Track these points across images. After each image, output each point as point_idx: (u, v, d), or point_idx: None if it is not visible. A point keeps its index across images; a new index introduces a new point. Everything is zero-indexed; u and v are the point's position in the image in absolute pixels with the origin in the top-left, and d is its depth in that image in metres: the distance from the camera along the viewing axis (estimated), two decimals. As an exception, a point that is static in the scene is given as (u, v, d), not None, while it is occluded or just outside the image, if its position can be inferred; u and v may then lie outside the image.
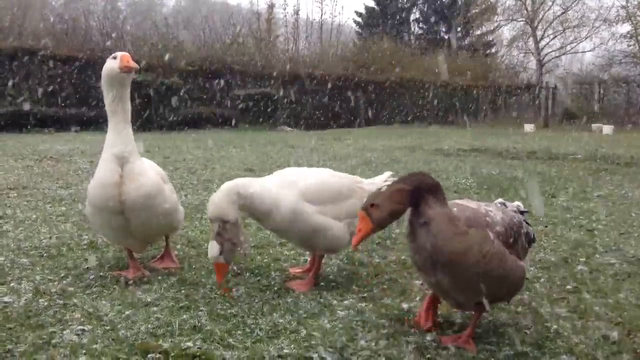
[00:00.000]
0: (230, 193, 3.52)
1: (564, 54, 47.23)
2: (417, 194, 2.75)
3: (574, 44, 46.27)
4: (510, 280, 2.86)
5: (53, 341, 2.86)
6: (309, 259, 4.21)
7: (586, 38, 45.15)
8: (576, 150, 14.13)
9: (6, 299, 3.41)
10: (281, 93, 25.25)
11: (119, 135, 3.78)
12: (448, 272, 2.76)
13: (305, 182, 3.68)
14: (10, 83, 19.21)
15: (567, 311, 3.45)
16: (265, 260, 4.40)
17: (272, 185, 3.65)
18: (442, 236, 2.71)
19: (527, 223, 3.16)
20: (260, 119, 24.16)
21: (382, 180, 4.07)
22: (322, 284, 3.87)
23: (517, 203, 3.34)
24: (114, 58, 3.76)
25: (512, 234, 2.90)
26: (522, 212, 3.25)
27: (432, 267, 2.79)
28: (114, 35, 24.70)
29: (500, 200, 3.27)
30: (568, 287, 3.90)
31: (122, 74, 3.72)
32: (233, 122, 23.14)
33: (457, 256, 2.71)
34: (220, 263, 3.52)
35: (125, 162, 3.74)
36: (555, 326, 3.20)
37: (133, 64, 3.72)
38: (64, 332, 2.97)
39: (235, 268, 4.14)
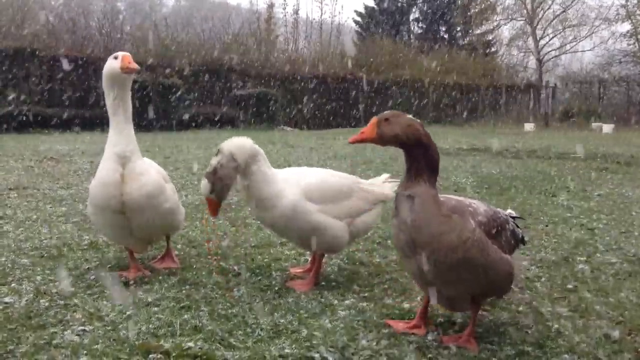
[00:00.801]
0: (253, 148, 3.56)
1: (563, 53, 47.29)
2: (423, 146, 2.79)
3: (574, 43, 46.37)
4: (494, 272, 2.83)
5: (54, 341, 2.86)
6: (309, 259, 4.21)
7: (586, 37, 45.21)
8: (576, 149, 14.13)
9: (7, 299, 3.41)
10: (281, 93, 25.26)
11: (120, 134, 3.79)
12: (427, 255, 2.76)
13: (307, 181, 3.69)
14: (9, 84, 19.21)
15: (568, 310, 3.45)
16: (265, 260, 4.40)
17: (281, 177, 3.67)
18: (424, 214, 2.73)
19: (516, 225, 3.16)
20: (260, 119, 24.16)
21: (381, 181, 4.08)
22: (322, 283, 3.87)
23: (509, 211, 3.35)
24: (115, 58, 3.76)
25: (495, 225, 2.90)
26: (513, 218, 3.25)
27: (411, 248, 2.80)
28: (113, 35, 24.72)
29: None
30: (569, 286, 3.90)
31: (123, 75, 3.73)
32: (233, 121, 23.14)
33: (434, 237, 2.72)
34: (213, 202, 3.53)
35: (126, 161, 3.75)
36: (556, 325, 3.20)
37: (134, 65, 3.72)
38: (65, 332, 2.97)
39: (235, 268, 4.14)
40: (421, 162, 2.80)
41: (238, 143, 3.55)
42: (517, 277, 3.19)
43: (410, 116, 2.88)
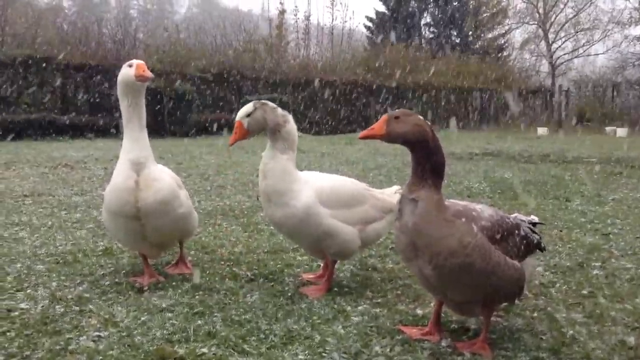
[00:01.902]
0: (285, 114, 3.70)
1: (576, 56, 47.03)
2: (429, 148, 2.82)
3: (587, 47, 46.08)
4: (497, 277, 2.81)
5: (70, 347, 2.89)
6: (322, 265, 4.22)
7: (599, 40, 44.94)
8: (590, 153, 14.03)
9: (23, 305, 3.45)
10: (292, 98, 25.29)
11: (134, 141, 3.83)
12: (427, 259, 2.76)
13: (321, 185, 3.71)
14: (24, 91, 19.42)
15: (583, 316, 3.42)
16: (278, 266, 4.41)
17: (301, 178, 3.71)
18: (426, 218, 2.74)
19: (533, 231, 3.13)
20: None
21: (393, 192, 4.09)
22: (335, 289, 3.87)
23: (532, 217, 3.33)
24: (130, 66, 3.81)
25: (501, 230, 2.89)
26: (534, 224, 3.23)
27: (412, 251, 2.81)
28: (126, 42, 24.91)
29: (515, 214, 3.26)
30: (584, 292, 3.87)
31: (138, 83, 3.77)
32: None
33: (435, 241, 2.73)
34: (243, 125, 3.62)
35: (141, 168, 3.78)
36: (571, 331, 3.17)
37: (149, 74, 3.76)
38: (81, 338, 3.00)
39: (248, 274, 4.16)
40: (426, 165, 2.82)
41: (278, 110, 3.70)
42: (528, 282, 3.17)
43: (421, 117, 2.89)
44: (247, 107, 3.67)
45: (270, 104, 3.71)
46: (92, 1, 58.75)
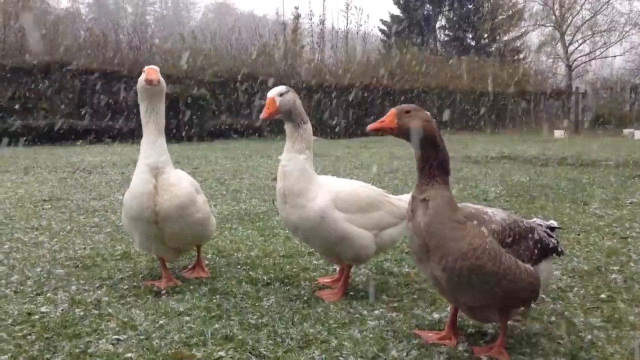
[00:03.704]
0: (296, 102, 3.77)
1: (593, 59, 46.60)
2: (435, 144, 2.83)
3: (604, 49, 45.62)
4: (508, 281, 2.79)
5: (89, 350, 2.93)
6: (337, 269, 4.22)
7: (616, 42, 44.48)
8: (608, 156, 13.89)
9: (43, 309, 3.50)
10: (307, 102, 25.33)
11: (152, 146, 3.88)
12: (438, 261, 2.77)
13: (338, 190, 3.73)
14: (42, 97, 19.68)
15: (601, 321, 3.39)
16: (294, 270, 4.43)
17: (319, 182, 3.73)
18: (438, 219, 2.76)
19: (550, 235, 3.11)
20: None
21: (408, 198, 4.08)
22: (351, 293, 3.87)
23: (551, 221, 3.30)
24: (144, 72, 3.88)
25: (512, 234, 2.88)
26: (552, 229, 3.20)
27: (425, 252, 2.82)
28: (143, 48, 25.12)
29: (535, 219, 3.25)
30: (602, 296, 3.84)
31: (148, 87, 3.82)
32: (260, 132, 23.30)
33: (445, 242, 2.74)
34: (275, 102, 3.70)
35: (159, 172, 3.83)
36: (589, 336, 3.15)
37: (151, 76, 3.81)
38: (100, 341, 3.03)
39: (265, 278, 4.18)
40: (434, 162, 2.84)
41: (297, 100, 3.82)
42: (545, 287, 3.15)
43: (428, 113, 2.90)
44: (280, 88, 3.77)
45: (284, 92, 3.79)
46: (108, 7, 59.37)
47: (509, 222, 2.91)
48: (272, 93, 3.75)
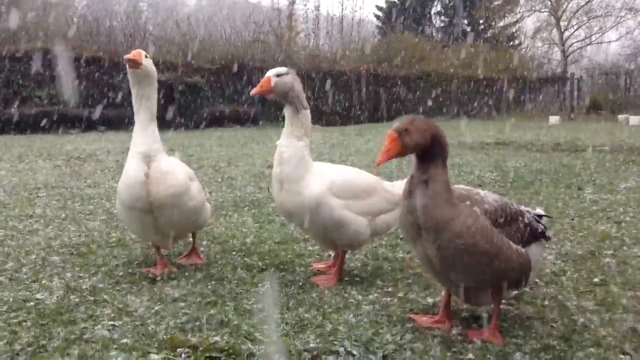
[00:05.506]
0: (295, 85, 3.74)
1: (589, 44, 46.46)
2: (441, 141, 2.83)
3: (599, 34, 45.51)
4: (500, 261, 2.82)
5: (85, 336, 2.93)
6: (332, 255, 4.24)
7: (611, 28, 44.37)
8: (602, 142, 13.92)
9: (39, 295, 3.50)
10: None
11: (144, 133, 3.85)
12: (433, 240, 2.80)
13: (333, 176, 3.73)
14: (36, 85, 19.57)
15: (594, 304, 3.42)
16: (289, 256, 4.44)
17: (315, 169, 3.74)
18: (435, 200, 2.78)
19: (537, 221, 3.13)
20: (282, 116, 24.14)
21: (403, 184, 4.09)
22: (346, 279, 3.89)
23: (538, 210, 3.32)
24: None
25: (504, 215, 2.91)
26: (540, 217, 3.22)
27: (416, 230, 2.85)
28: (136, 35, 24.97)
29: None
30: (595, 280, 3.86)
31: (131, 70, 3.79)
32: (256, 119, 23.24)
33: (441, 223, 2.76)
34: (270, 81, 3.71)
35: (151, 160, 3.81)
36: (582, 319, 3.18)
37: (131, 56, 3.77)
38: (95, 327, 3.04)
39: (260, 264, 4.19)
40: (436, 149, 2.83)
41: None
42: (537, 270, 3.18)
43: (420, 116, 2.90)
44: (280, 69, 3.77)
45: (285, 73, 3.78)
46: (102, -6, 58.77)
47: (501, 203, 2.94)
48: (271, 72, 3.75)
